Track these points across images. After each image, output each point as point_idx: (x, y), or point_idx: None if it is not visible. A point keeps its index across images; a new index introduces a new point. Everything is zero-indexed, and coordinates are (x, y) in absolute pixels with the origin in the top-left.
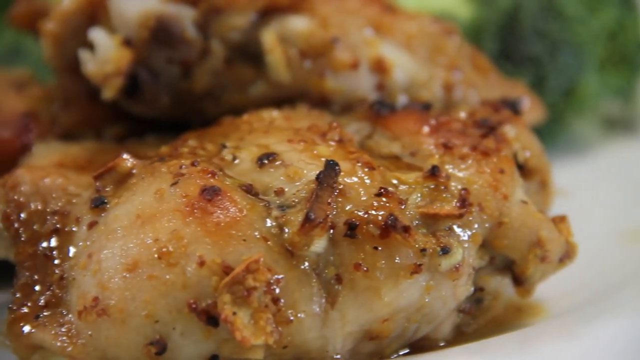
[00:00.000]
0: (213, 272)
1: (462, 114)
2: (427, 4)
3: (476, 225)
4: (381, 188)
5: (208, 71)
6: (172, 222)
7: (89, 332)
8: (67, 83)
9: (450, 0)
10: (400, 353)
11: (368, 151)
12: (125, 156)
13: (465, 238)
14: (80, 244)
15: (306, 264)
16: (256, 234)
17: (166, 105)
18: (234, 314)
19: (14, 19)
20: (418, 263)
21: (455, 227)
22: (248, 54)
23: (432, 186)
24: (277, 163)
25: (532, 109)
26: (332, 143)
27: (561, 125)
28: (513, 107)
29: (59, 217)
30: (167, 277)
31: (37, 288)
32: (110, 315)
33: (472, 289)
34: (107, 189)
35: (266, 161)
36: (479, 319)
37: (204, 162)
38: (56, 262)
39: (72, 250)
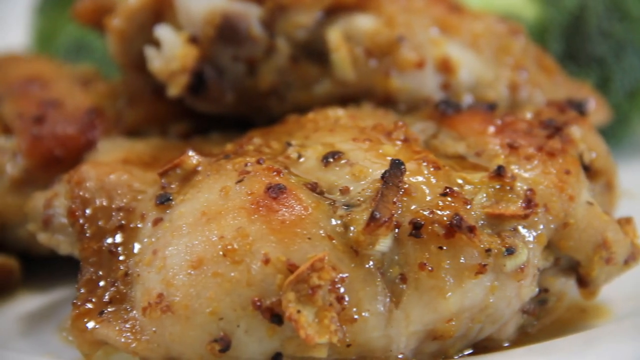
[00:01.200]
0: (278, 270)
1: (528, 115)
2: (492, 4)
3: (541, 226)
4: (446, 188)
5: (273, 69)
6: (237, 220)
7: (153, 329)
8: (132, 80)
9: (516, 1)
10: (464, 353)
11: (433, 151)
12: (190, 153)
13: (531, 239)
14: (145, 240)
15: (371, 263)
16: (321, 232)
17: (231, 102)
18: (299, 312)
19: (79, 14)
20: (483, 263)
21: (520, 227)
22: (313, 52)
23: (498, 186)
24: (343, 162)
25: (597, 110)
26: (398, 142)
27: (626, 127)
28: (579, 107)
29: (124, 213)
30: (232, 274)
31: (102, 284)
32: (175, 312)
33: (537, 289)
34: (173, 186)
35: (331, 160)
36: (543, 320)
37: (270, 160)
38: (121, 258)
39: (137, 247)
